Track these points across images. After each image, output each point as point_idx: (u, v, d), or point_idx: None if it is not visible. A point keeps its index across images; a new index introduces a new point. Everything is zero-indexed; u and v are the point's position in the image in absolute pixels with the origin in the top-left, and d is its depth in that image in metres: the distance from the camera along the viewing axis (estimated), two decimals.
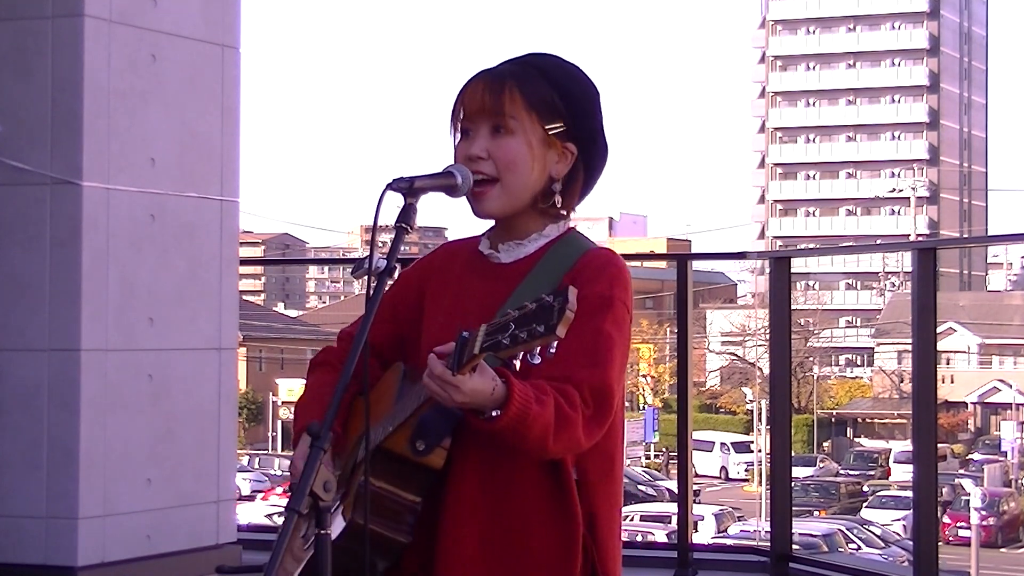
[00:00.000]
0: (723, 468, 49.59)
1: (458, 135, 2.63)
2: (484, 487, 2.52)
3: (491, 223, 2.68)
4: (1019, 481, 43.34)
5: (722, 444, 49.94)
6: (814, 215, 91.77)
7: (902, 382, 53.37)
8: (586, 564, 2.54)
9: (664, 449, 48.41)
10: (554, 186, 2.62)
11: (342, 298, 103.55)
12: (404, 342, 2.70)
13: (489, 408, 2.35)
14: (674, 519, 14.30)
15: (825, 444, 53.91)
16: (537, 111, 2.59)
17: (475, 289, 2.63)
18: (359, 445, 2.57)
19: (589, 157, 2.66)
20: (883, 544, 30.93)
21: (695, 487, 22.87)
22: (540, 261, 2.60)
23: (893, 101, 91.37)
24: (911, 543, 6.49)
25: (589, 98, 2.65)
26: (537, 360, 2.28)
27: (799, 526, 21.37)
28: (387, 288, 2.73)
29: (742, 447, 48.83)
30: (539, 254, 2.61)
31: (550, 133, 2.60)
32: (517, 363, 2.31)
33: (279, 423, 55.35)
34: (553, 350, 2.26)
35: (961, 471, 43.89)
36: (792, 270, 6.31)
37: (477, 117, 2.59)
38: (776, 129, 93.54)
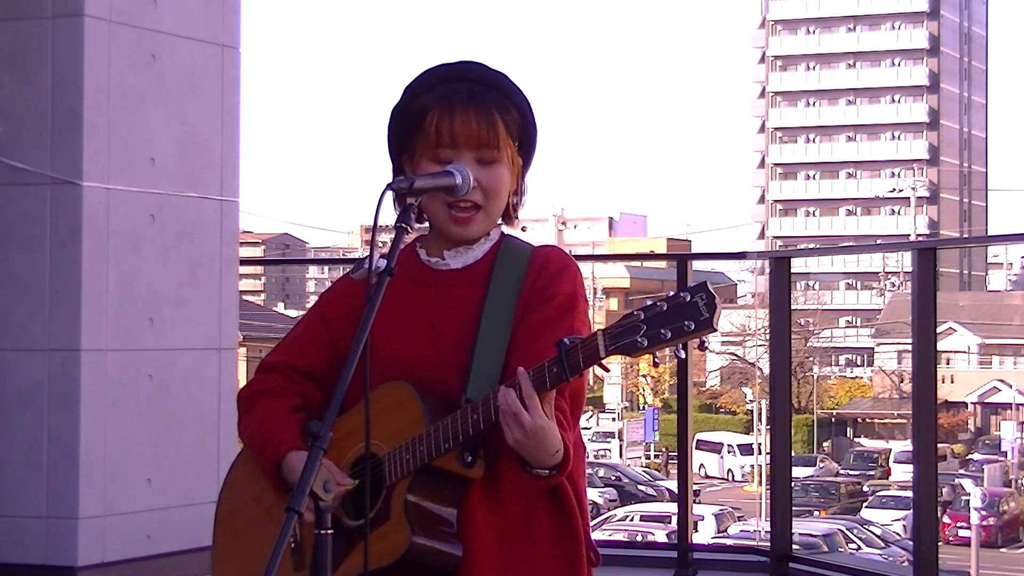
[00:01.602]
0: (729, 471, 49.62)
1: (427, 155, 2.61)
2: (487, 488, 2.53)
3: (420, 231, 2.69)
4: (1019, 481, 43.33)
5: (728, 446, 49.96)
6: (814, 215, 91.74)
7: (902, 382, 53.36)
8: (585, 536, 2.61)
9: (664, 449, 48.41)
10: (512, 199, 2.67)
11: None
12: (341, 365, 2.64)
13: (537, 465, 2.42)
14: (674, 519, 14.30)
15: (825, 444, 53.89)
16: (512, 138, 2.63)
17: (434, 299, 2.63)
18: (354, 465, 2.56)
19: (527, 167, 2.71)
20: (883, 544, 30.92)
21: (695, 487, 22.87)
22: (496, 263, 2.63)
23: (893, 101, 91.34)
24: (911, 543, 6.49)
25: (533, 113, 2.69)
26: (682, 354, 2.32)
27: (799, 526, 21.38)
28: (308, 314, 2.75)
29: (746, 449, 48.78)
30: (489, 258, 2.64)
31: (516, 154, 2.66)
32: (681, 352, 2.35)
33: None
34: (707, 345, 2.34)
35: (961, 471, 43.87)
36: (792, 270, 6.32)
37: (464, 147, 2.60)
38: (776, 129, 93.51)
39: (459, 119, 2.59)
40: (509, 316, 2.56)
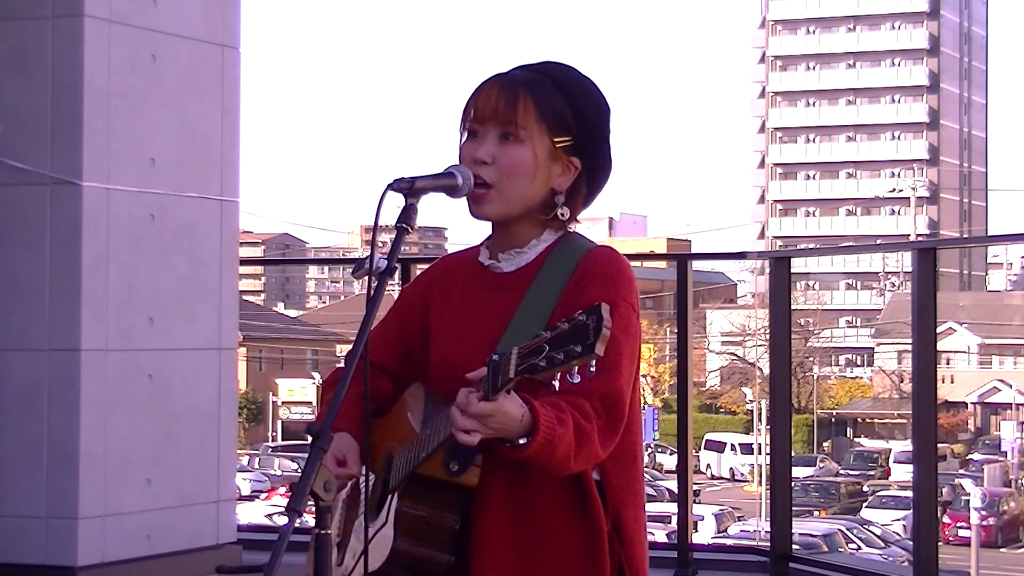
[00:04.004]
0: (731, 470, 49.65)
1: (466, 134, 2.62)
2: (510, 500, 2.51)
3: (487, 230, 2.68)
4: (1019, 481, 43.33)
5: (731, 446, 50.00)
6: (814, 215, 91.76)
7: (902, 382, 53.36)
8: (613, 563, 2.54)
9: (649, 446, 48.47)
10: (556, 198, 2.61)
11: (342, 298, 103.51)
12: (414, 361, 2.69)
13: (516, 436, 2.36)
14: (674, 519, 14.30)
15: (825, 444, 53.89)
16: (548, 123, 2.57)
17: (481, 301, 2.62)
18: (387, 467, 2.57)
19: (592, 172, 2.64)
20: (883, 544, 30.91)
21: (695, 487, 22.85)
22: (542, 268, 2.58)
23: (893, 101, 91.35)
24: (911, 543, 6.49)
25: (600, 114, 2.63)
26: (576, 379, 2.24)
27: (799, 526, 21.37)
28: (389, 308, 2.74)
29: (747, 449, 48.79)
30: (540, 260, 2.60)
31: (557, 146, 2.59)
32: (556, 383, 2.28)
33: (279, 423, 55.32)
34: (593, 368, 2.24)
35: (961, 471, 43.87)
36: (792, 270, 6.32)
37: (488, 121, 2.58)
38: (776, 129, 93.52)
39: (484, 92, 2.59)
40: (541, 321, 2.50)
